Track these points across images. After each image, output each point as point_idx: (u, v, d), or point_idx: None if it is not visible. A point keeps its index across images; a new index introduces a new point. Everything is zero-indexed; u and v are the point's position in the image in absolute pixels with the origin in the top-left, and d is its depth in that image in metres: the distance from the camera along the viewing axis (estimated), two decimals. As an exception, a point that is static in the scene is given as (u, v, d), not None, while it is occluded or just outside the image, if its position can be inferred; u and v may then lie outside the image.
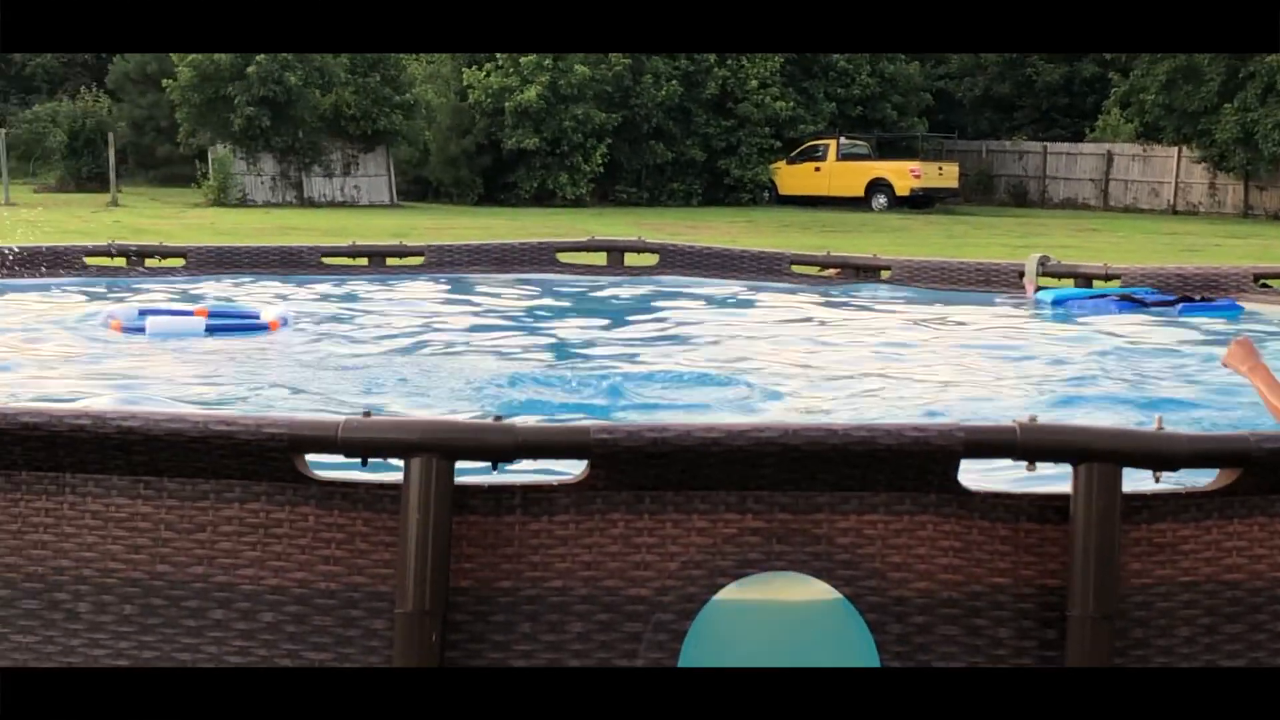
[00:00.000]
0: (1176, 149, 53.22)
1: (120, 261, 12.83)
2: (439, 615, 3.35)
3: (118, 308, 10.02)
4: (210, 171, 44.61)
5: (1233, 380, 8.54)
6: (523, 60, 48.30)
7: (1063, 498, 3.45)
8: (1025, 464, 3.48)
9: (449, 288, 12.48)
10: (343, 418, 3.42)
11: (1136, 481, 3.50)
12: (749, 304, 12.11)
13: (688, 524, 3.46)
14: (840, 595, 3.43)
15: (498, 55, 48.64)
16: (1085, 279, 12.21)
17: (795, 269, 13.43)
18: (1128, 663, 3.45)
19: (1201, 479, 3.60)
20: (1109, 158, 55.06)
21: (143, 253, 13.06)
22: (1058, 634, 3.44)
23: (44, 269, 12.26)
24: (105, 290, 11.66)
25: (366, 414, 3.45)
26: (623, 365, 8.75)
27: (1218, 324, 10.74)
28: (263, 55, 44.14)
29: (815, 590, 3.44)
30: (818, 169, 51.72)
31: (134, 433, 3.41)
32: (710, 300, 12.17)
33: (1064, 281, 12.08)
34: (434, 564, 3.34)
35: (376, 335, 9.93)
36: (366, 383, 7.86)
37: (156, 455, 3.44)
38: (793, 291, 12.69)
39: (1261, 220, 49.38)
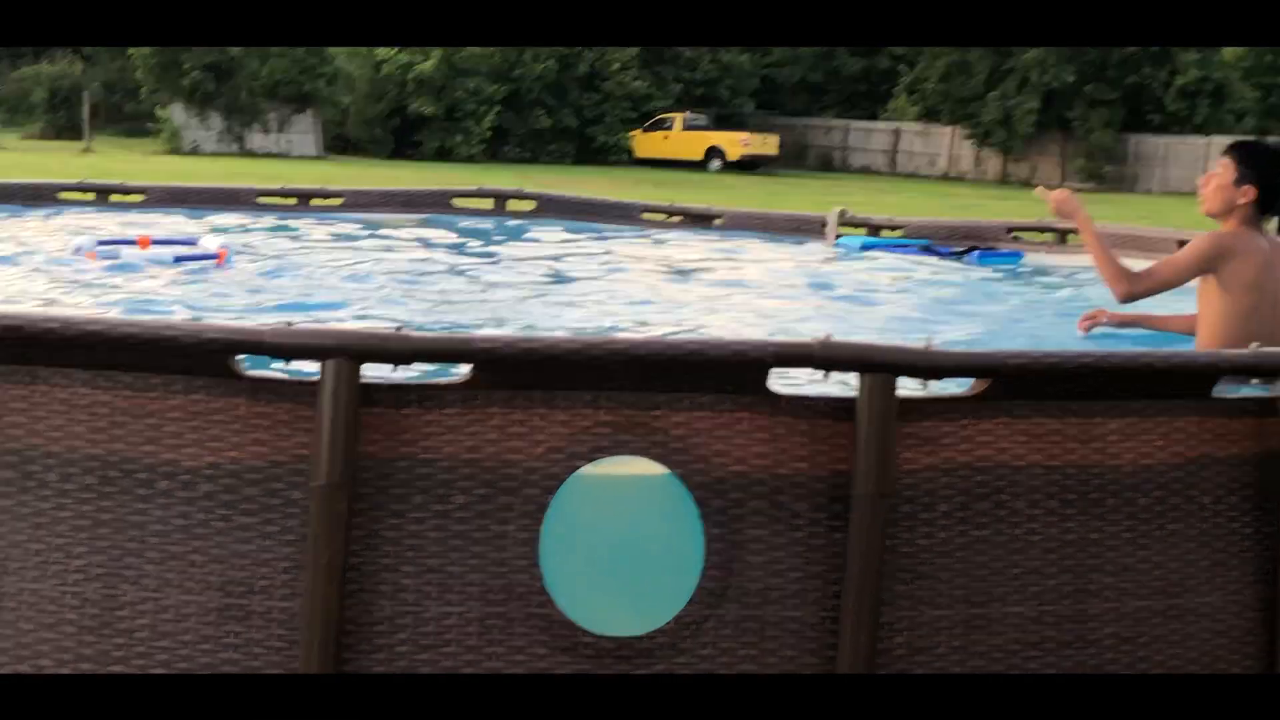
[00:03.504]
0: (951, 128, 53.91)
1: (89, 196, 12.46)
2: (348, 487, 3.32)
3: (84, 240, 9.71)
4: (165, 126, 43.79)
5: (991, 310, 8.68)
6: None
7: (850, 400, 3.49)
8: (822, 373, 3.51)
9: (365, 227, 12.30)
10: (269, 325, 3.37)
11: (910, 389, 3.55)
12: (609, 243, 12.06)
13: (552, 417, 3.45)
14: (670, 472, 3.45)
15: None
16: (875, 229, 12.25)
17: (645, 216, 13.38)
18: (898, 531, 3.51)
19: (962, 386, 3.65)
20: (897, 134, 55.69)
21: (107, 189, 12.70)
22: (844, 508, 3.48)
23: (20, 202, 11.86)
24: (75, 221, 11.31)
25: (289, 324, 3.41)
26: (504, 291, 8.70)
27: (985, 271, 10.83)
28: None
29: (652, 469, 3.46)
30: (666, 137, 51.83)
31: (93, 335, 3.35)
32: (578, 239, 12.11)
33: (859, 230, 12.12)
34: (344, 447, 3.31)
35: (304, 263, 9.78)
36: (294, 298, 7.74)
37: (113, 353, 3.37)
38: (643, 235, 12.63)
39: (1015, 186, 50.20)
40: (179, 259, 9.04)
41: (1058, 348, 3.74)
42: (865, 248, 11.54)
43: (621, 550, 3.45)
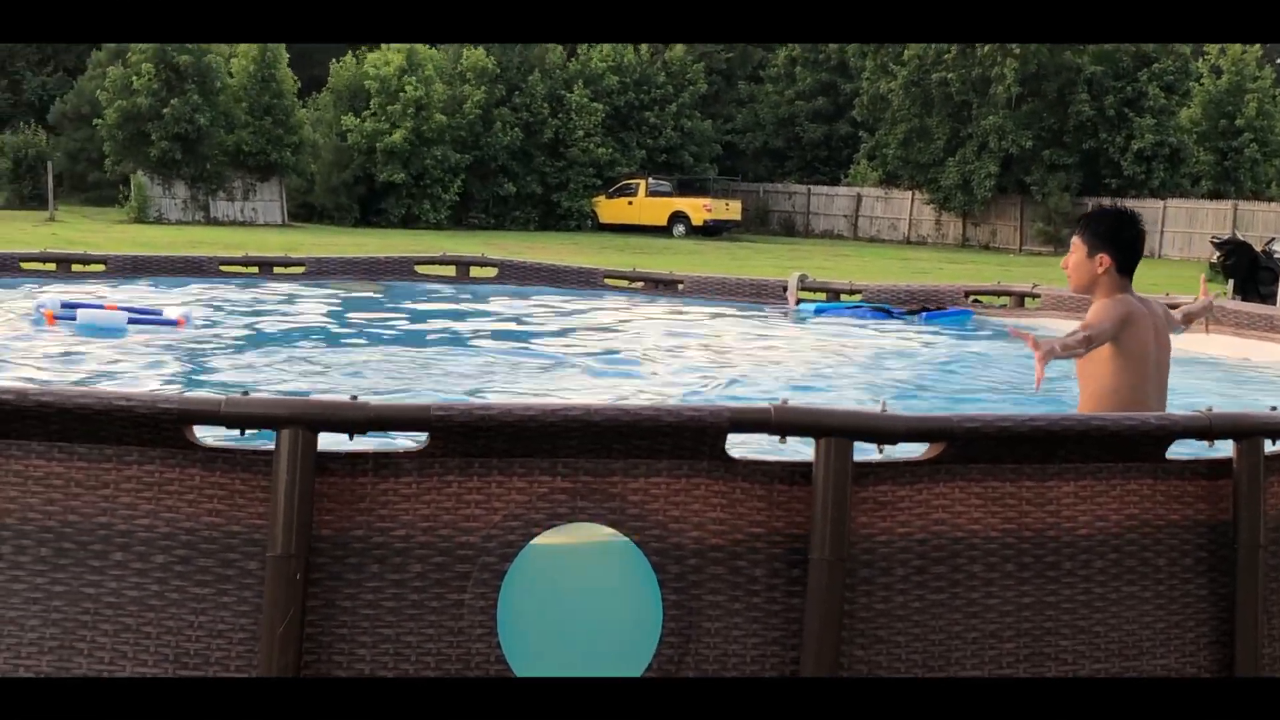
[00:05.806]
0: (911, 193, 54.24)
1: (51, 266, 12.43)
2: (302, 557, 3.29)
3: (47, 299, 9.68)
4: (132, 194, 43.67)
5: (944, 373, 8.71)
6: (389, 108, 47.75)
7: (807, 465, 3.48)
8: (779, 438, 3.50)
9: (326, 293, 12.29)
10: (225, 396, 3.35)
11: (866, 453, 3.54)
12: (571, 309, 12.07)
13: (508, 484, 3.44)
14: (627, 539, 3.43)
15: (371, 104, 47.97)
16: (835, 293, 12.34)
17: (608, 281, 13.43)
18: (855, 596, 3.49)
19: (916, 450, 3.65)
20: (859, 198, 55.97)
21: (70, 259, 12.67)
22: (801, 573, 3.47)
23: None
24: (38, 289, 11.26)
25: (245, 393, 3.38)
26: (461, 355, 8.69)
27: (939, 333, 10.89)
28: (176, 99, 43.27)
29: (608, 535, 3.44)
30: (630, 202, 51.93)
31: (49, 406, 3.31)
32: (539, 305, 12.12)
33: (819, 295, 12.19)
34: (299, 516, 3.29)
35: (261, 330, 9.75)
36: (251, 366, 7.70)
37: (68, 425, 3.34)
38: (602, 297, 12.67)
39: (975, 249, 50.50)
40: (134, 321, 9.01)
41: (1011, 410, 3.75)
42: (820, 312, 11.66)
43: (580, 617, 3.42)
